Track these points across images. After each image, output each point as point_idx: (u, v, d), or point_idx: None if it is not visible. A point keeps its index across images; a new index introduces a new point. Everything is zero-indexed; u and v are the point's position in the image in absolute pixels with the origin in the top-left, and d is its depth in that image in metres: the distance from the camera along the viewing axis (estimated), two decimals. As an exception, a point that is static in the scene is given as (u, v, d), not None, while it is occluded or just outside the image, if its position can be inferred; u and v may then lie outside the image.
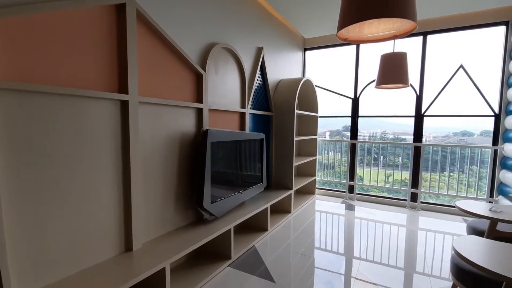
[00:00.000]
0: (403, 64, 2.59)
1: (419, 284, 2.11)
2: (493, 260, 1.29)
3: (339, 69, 4.54)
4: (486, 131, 3.83)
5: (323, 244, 2.76)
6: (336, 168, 4.69)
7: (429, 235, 3.01)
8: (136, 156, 1.79)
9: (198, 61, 2.33)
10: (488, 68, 3.53)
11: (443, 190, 3.88)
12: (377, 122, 5.38)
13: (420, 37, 3.79)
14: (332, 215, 3.61)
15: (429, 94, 3.83)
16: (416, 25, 1.36)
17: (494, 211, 1.93)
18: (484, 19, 3.41)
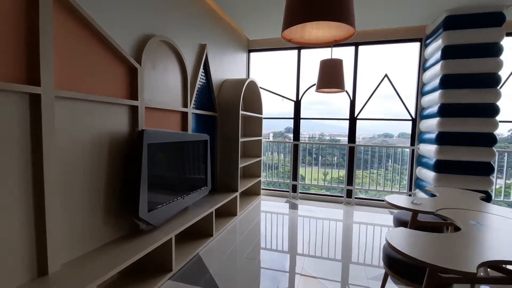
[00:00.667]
0: (339, 70, 2.77)
1: (356, 273, 2.27)
2: (418, 249, 1.42)
3: (282, 72, 4.68)
4: (403, 133, 4.37)
5: (269, 244, 2.77)
6: (280, 169, 4.80)
7: (362, 228, 3.28)
8: (52, 161, 1.49)
9: (132, 54, 2.09)
10: (407, 78, 4.06)
11: (372, 186, 4.31)
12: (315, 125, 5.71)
13: (353, 47, 4.15)
14: (277, 215, 3.67)
15: (361, 99, 4.22)
16: (354, 31, 1.43)
17: (415, 203, 2.18)
18: (403, 35, 3.90)
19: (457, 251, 1.40)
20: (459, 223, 1.80)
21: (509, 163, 3.77)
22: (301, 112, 4.49)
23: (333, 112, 4.53)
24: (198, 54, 3.04)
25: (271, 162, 4.82)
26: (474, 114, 3.14)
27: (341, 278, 2.21)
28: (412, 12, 3.34)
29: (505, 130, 4.21)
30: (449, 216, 1.92)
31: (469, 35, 3.10)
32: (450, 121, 3.21)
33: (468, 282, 1.97)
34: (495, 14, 3.04)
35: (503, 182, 3.82)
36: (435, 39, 3.41)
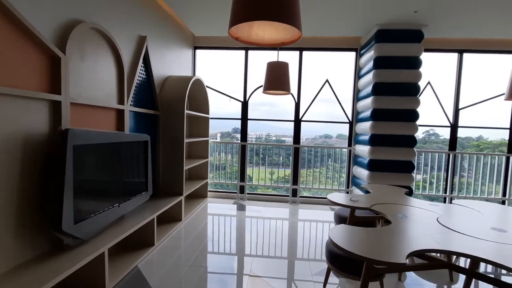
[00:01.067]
0: (285, 73, 2.83)
1: (301, 269, 2.35)
2: (356, 244, 1.51)
3: (230, 72, 4.62)
4: (341, 135, 4.73)
5: (216, 248, 2.69)
6: (227, 169, 4.73)
7: (306, 225, 3.43)
8: None
9: (55, 41, 1.78)
10: (345, 84, 4.39)
11: (315, 185, 4.55)
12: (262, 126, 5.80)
13: (298, 52, 4.31)
14: (225, 217, 3.59)
15: (305, 102, 4.42)
16: (300, 35, 1.45)
17: (353, 200, 2.34)
18: (342, 44, 4.21)
19: (388, 243, 1.52)
20: (389, 217, 1.98)
21: (425, 161, 4.38)
22: (248, 113, 4.49)
23: (279, 113, 4.65)
24: (137, 46, 2.78)
25: (218, 163, 4.72)
26: (400, 119, 3.55)
27: (287, 275, 2.25)
28: (348, 24, 3.62)
29: (420, 132, 4.89)
30: (381, 211, 2.11)
31: (396, 48, 3.49)
32: (381, 125, 3.56)
33: (398, 271, 2.19)
34: (416, 32, 3.48)
35: (421, 177, 4.42)
36: (368, 50, 3.76)
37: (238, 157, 4.50)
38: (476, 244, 1.54)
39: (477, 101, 4.19)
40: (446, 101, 4.23)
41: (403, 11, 3.15)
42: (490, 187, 4.34)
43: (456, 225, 1.84)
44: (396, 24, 3.47)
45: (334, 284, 2.14)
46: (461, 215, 2.13)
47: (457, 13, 3.19)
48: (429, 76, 4.14)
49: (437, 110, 4.24)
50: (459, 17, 3.31)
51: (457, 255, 1.53)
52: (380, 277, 1.91)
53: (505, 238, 1.65)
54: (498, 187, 4.32)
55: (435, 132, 4.79)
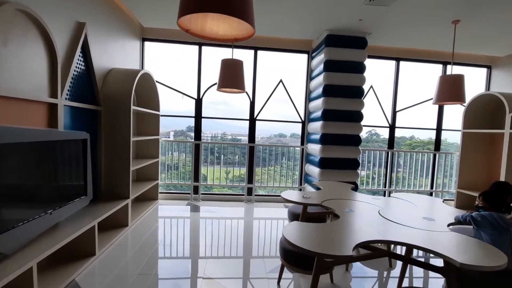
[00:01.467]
0: (240, 71, 2.81)
1: (256, 268, 2.35)
2: (308, 240, 1.55)
3: (183, 68, 4.43)
4: (294, 134, 4.89)
5: (168, 252, 2.55)
6: (181, 169, 4.53)
7: (261, 223, 3.45)
8: None
9: (-40, 17, 1.47)
10: (298, 85, 4.53)
11: (270, 183, 4.63)
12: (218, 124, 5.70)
13: (252, 50, 4.32)
14: (177, 220, 3.43)
15: (260, 101, 4.45)
16: (254, 31, 1.42)
17: (306, 197, 2.42)
18: (295, 46, 4.34)
19: (337, 237, 1.60)
20: (337, 212, 2.09)
21: (368, 159, 4.76)
22: (202, 111, 4.36)
23: (235, 112, 4.61)
24: (75, 33, 2.48)
25: (171, 163, 4.48)
26: (347, 119, 3.79)
27: (242, 275, 2.23)
28: (301, 26, 3.75)
29: (364, 132, 5.31)
30: (331, 206, 2.21)
31: (344, 53, 3.72)
32: (330, 124, 3.76)
33: (346, 263, 2.33)
34: (361, 39, 3.75)
35: (365, 173, 4.80)
36: (319, 53, 3.94)
37: (192, 157, 4.34)
38: (410, 233, 1.70)
39: (410, 105, 4.70)
40: (385, 104, 4.66)
41: (349, 18, 3.36)
42: (421, 180, 4.91)
43: (394, 216, 2.02)
44: (343, 30, 3.69)
45: (288, 279, 2.18)
46: (398, 207, 2.35)
47: (395, 25, 3.52)
48: (372, 80, 4.51)
49: (378, 112, 4.65)
50: (396, 29, 3.66)
51: (395, 243, 1.68)
52: (330, 269, 2.00)
53: (433, 226, 1.86)
54: (427, 181, 4.91)
55: (376, 132, 5.25)
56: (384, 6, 3.02)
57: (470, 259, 1.33)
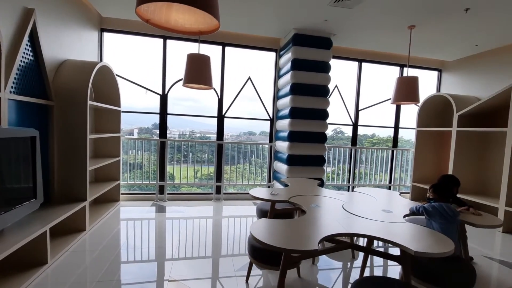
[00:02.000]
0: (207, 66, 2.74)
1: (224, 266, 2.32)
2: (275, 236, 1.56)
3: (146, 62, 4.22)
4: (263, 132, 4.92)
5: (131, 256, 2.41)
6: (145, 169, 4.33)
7: (230, 222, 3.42)
8: None
9: None
10: (266, 82, 4.56)
11: (238, 180, 4.60)
12: (186, 122, 5.55)
13: (220, 46, 4.25)
14: (141, 221, 3.27)
15: (228, 98, 4.40)
16: (218, 25, 1.39)
17: (273, 194, 2.44)
18: (263, 43, 4.35)
19: (303, 232, 1.63)
20: (304, 208, 2.14)
21: (333, 155, 4.96)
22: (168, 108, 4.19)
23: (204, 109, 4.51)
24: (21, 20, 2.23)
25: (134, 162, 4.25)
26: (313, 117, 3.89)
27: (210, 274, 2.19)
28: (269, 24, 3.76)
29: (330, 130, 5.52)
30: (298, 202, 2.26)
31: (310, 52, 3.81)
32: (298, 122, 3.84)
33: (312, 257, 2.39)
34: (326, 39, 3.87)
35: (331, 170, 4.99)
36: (287, 51, 3.99)
37: (157, 155, 4.16)
38: (371, 225, 1.80)
39: (371, 104, 4.97)
40: (349, 103, 4.88)
41: (315, 18, 3.44)
42: (381, 175, 5.23)
43: (356, 210, 2.12)
44: (310, 30, 3.78)
45: (257, 275, 2.19)
46: (360, 201, 2.47)
47: (357, 28, 3.69)
48: (337, 80, 4.69)
49: (342, 110, 4.85)
50: (359, 32, 3.83)
51: (357, 236, 1.75)
52: (297, 264, 2.04)
53: (391, 217, 1.98)
54: (386, 175, 5.24)
55: (341, 130, 5.47)
56: (348, 9, 3.14)
57: (422, 247, 1.44)
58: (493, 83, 4.18)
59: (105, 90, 3.59)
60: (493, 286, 2.21)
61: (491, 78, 4.27)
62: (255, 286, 2.06)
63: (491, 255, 2.79)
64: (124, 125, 4.47)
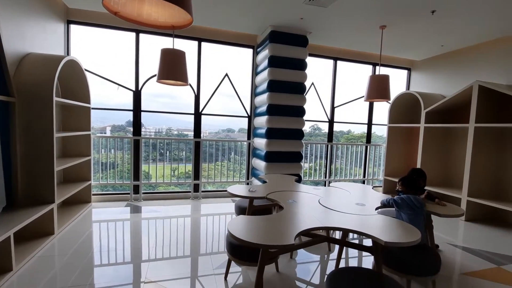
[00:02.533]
0: (182, 62, 2.67)
1: (203, 265, 2.30)
2: (253, 233, 1.57)
3: (118, 57, 4.04)
4: (242, 129, 4.91)
5: (105, 259, 2.32)
6: (119, 168, 4.16)
7: (209, 220, 3.39)
8: None
9: None
10: (244, 79, 4.54)
11: (217, 178, 4.57)
12: (162, 119, 5.40)
13: (196, 42, 4.17)
14: (115, 222, 3.15)
15: (206, 95, 4.33)
16: (192, 20, 1.36)
17: (252, 191, 2.45)
18: (240, 40, 4.32)
19: (280, 228, 1.65)
20: (282, 203, 2.17)
21: (310, 152, 5.06)
22: (143, 104, 4.05)
23: (181, 106, 4.41)
24: (-27, 8, 2.04)
25: (107, 161, 4.07)
26: (290, 114, 3.94)
27: (189, 274, 2.16)
28: (246, 20, 3.74)
29: (308, 126, 5.62)
30: (275, 198, 2.28)
31: (287, 50, 3.84)
32: (275, 119, 3.87)
33: (289, 251, 2.43)
34: (302, 37, 3.92)
35: (308, 165, 5.09)
36: (264, 48, 4.00)
37: (131, 154, 4.02)
38: (345, 218, 1.86)
39: (346, 101, 5.12)
40: (325, 100, 4.99)
41: (291, 16, 3.47)
42: (356, 170, 5.42)
43: (332, 204, 2.18)
44: (286, 28, 3.81)
45: (236, 272, 2.19)
46: (335, 195, 2.55)
47: (332, 27, 3.77)
48: (313, 77, 4.78)
49: (318, 107, 4.96)
50: (333, 30, 3.92)
51: (333, 229, 1.81)
52: (275, 259, 2.07)
53: (364, 210, 2.06)
54: (360, 170, 5.44)
55: (318, 126, 5.59)
56: (323, 7, 3.20)
57: (392, 237, 1.51)
58: (457, 82, 4.46)
59: (73, 86, 3.40)
60: (457, 271, 2.38)
61: (455, 77, 4.56)
62: (234, 283, 2.06)
63: (455, 242, 2.99)
64: (95, 122, 4.27)
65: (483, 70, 4.09)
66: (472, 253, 2.74)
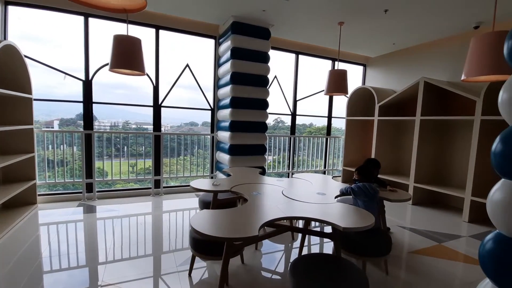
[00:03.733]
0: (137, 50, 2.49)
1: (166, 263, 2.22)
2: (217, 227, 1.55)
3: (65, 43, 3.66)
4: (206, 122, 4.80)
5: (56, 265, 2.12)
6: (69, 166, 3.81)
7: (172, 216, 3.28)
8: None
9: None
10: (206, 71, 4.41)
11: (180, 173, 4.42)
12: (119, 112, 5.06)
13: (154, 29, 3.93)
14: (66, 224, 2.89)
15: (166, 86, 4.13)
16: (145, 4, 1.26)
17: (216, 185, 2.41)
18: (202, 29, 4.17)
19: (245, 220, 1.65)
20: (246, 196, 2.16)
21: (274, 144, 5.14)
22: (96, 96, 3.73)
23: (140, 98, 4.14)
24: None
25: (55, 158, 3.69)
26: (253, 107, 3.94)
27: (153, 273, 2.07)
28: (207, 9, 3.61)
29: (271, 120, 5.70)
30: (240, 191, 2.28)
31: (250, 42, 3.81)
32: (239, 112, 3.84)
33: (253, 243, 2.46)
34: (265, 30, 3.91)
35: (272, 158, 5.17)
36: (226, 39, 3.92)
37: (82, 149, 3.69)
38: (307, 207, 1.92)
39: (308, 95, 5.27)
40: (288, 94, 5.08)
41: (253, 7, 3.43)
42: (317, 161, 5.65)
43: (295, 195, 2.24)
44: (249, 19, 3.76)
45: (202, 268, 2.15)
46: (298, 186, 2.62)
47: (293, 21, 3.82)
48: (276, 70, 4.82)
49: (281, 101, 5.04)
50: (295, 24, 3.98)
51: (296, 218, 1.86)
52: (240, 251, 2.07)
53: (324, 199, 2.15)
54: (321, 161, 5.68)
55: (281, 120, 5.69)
56: (285, 0, 3.21)
57: (350, 223, 1.60)
58: (407, 78, 4.84)
59: (10, 74, 3.00)
60: (405, 250, 2.62)
61: (405, 73, 4.94)
62: (200, 278, 2.03)
63: (404, 224, 3.29)
64: (41, 116, 3.85)
65: (429, 67, 4.49)
66: (418, 233, 3.04)
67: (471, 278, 2.17)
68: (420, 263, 2.36)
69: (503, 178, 1.12)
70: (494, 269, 1.09)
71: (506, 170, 1.08)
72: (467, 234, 3.07)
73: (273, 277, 2.12)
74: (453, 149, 4.12)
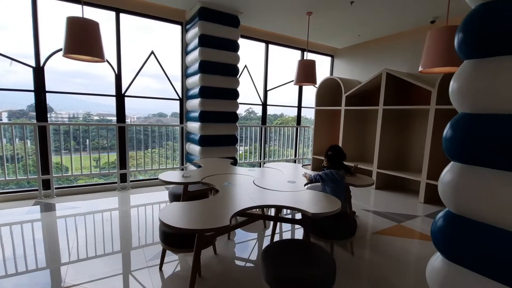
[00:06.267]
0: (94, 33, 2.29)
1: (135, 259, 2.15)
2: (188, 219, 1.52)
3: (10, 26, 3.28)
4: (175, 113, 4.65)
5: (12, 268, 1.96)
6: (22, 161, 3.48)
7: (140, 211, 3.16)
8: None
9: None
10: (173, 59, 4.23)
11: (148, 166, 4.26)
12: (79, 102, 4.72)
13: (113, 12, 3.66)
14: (21, 225, 2.66)
15: (129, 75, 3.90)
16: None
17: (186, 177, 2.36)
18: (167, 14, 3.96)
19: (216, 211, 1.64)
20: (217, 187, 2.15)
21: (245, 135, 5.14)
22: (48, 84, 3.41)
23: (103, 88, 3.87)
24: None
25: (3, 153, 3.34)
26: (224, 97, 3.88)
27: (122, 270, 1.99)
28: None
29: (243, 110, 5.67)
30: (211, 182, 2.25)
31: (218, 29, 3.70)
32: (208, 102, 3.76)
33: (225, 233, 2.46)
34: (234, 17, 3.82)
35: (243, 148, 5.17)
36: (193, 26, 3.77)
37: (35, 143, 3.38)
38: (278, 196, 1.96)
39: (278, 85, 5.31)
40: (258, 83, 5.07)
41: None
42: (288, 151, 5.76)
43: (266, 184, 2.26)
44: (216, 5, 3.64)
45: (173, 261, 2.11)
46: (269, 175, 2.65)
47: (262, 9, 3.78)
48: (246, 60, 4.77)
49: (252, 90, 5.02)
50: (263, 13, 3.93)
51: (267, 207, 1.89)
52: (212, 242, 2.06)
53: (295, 187, 2.20)
54: (292, 151, 5.81)
55: (253, 110, 5.69)
56: (253, -13, 3.16)
57: (318, 209, 1.66)
58: (371, 69, 5.05)
59: None
60: (369, 231, 2.80)
61: (369, 64, 5.15)
62: (172, 271, 1.99)
63: (367, 208, 3.50)
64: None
65: (391, 59, 4.73)
66: (380, 215, 3.25)
67: (425, 253, 2.39)
68: (382, 243, 2.54)
69: (452, 161, 1.22)
70: (444, 243, 1.20)
71: (454, 153, 1.17)
72: (422, 213, 3.35)
73: (246, 265, 2.15)
74: (411, 136, 4.43)
